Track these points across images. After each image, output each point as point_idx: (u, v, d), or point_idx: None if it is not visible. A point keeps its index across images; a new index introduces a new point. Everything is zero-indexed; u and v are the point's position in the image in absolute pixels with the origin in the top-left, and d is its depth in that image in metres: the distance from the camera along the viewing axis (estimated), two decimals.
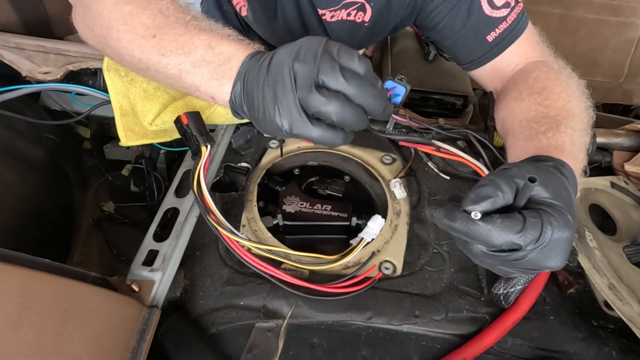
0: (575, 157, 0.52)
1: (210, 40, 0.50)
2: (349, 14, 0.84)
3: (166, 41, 0.51)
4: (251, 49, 0.50)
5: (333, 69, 0.42)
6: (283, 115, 0.44)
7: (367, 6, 0.82)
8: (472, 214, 0.40)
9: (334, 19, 0.85)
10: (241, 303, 0.54)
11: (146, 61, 0.53)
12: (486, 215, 0.41)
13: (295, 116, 0.43)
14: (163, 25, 0.51)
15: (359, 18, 0.85)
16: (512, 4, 0.71)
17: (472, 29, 0.73)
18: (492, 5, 0.71)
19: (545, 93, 0.63)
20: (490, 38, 0.72)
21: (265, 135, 0.72)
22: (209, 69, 0.49)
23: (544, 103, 0.61)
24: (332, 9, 0.83)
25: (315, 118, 0.44)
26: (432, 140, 0.74)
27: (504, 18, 0.71)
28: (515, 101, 0.66)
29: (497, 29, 0.71)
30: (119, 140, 0.67)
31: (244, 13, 0.95)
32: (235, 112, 0.51)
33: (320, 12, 0.84)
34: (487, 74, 0.77)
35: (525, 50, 0.73)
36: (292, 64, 0.43)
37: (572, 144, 0.54)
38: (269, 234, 0.60)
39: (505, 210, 0.42)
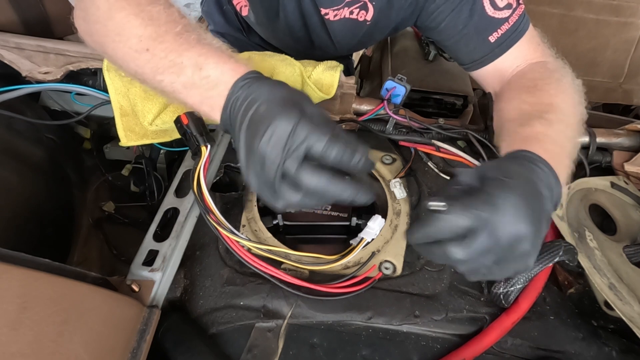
0: (548, 147, 0.52)
1: (197, 59, 0.50)
2: (351, 13, 0.84)
3: (157, 57, 0.51)
4: (239, 70, 0.49)
5: (295, 164, 0.41)
6: (249, 177, 0.45)
7: (370, 5, 0.82)
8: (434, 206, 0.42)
9: (336, 18, 0.85)
10: (241, 303, 0.54)
11: (142, 74, 0.53)
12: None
13: (259, 187, 0.45)
14: (154, 37, 0.51)
15: (361, 17, 0.85)
16: (514, 5, 0.71)
17: (474, 29, 0.73)
18: (495, 6, 0.71)
19: (534, 91, 0.64)
20: (492, 39, 0.72)
21: None
22: (199, 93, 0.50)
23: (528, 101, 0.62)
24: (335, 7, 0.83)
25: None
26: (432, 140, 0.74)
27: (506, 19, 0.71)
28: (506, 102, 0.66)
29: (499, 30, 0.71)
30: (119, 140, 0.67)
31: (244, 13, 0.95)
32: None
33: (323, 11, 0.84)
34: (488, 75, 0.77)
35: (527, 51, 0.73)
36: (261, 146, 0.42)
37: (553, 140, 0.54)
38: (269, 234, 0.60)
39: None
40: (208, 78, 0.49)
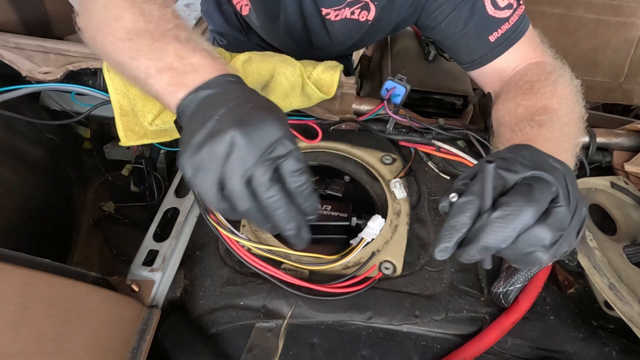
0: (540, 145, 0.51)
1: (183, 50, 0.49)
2: (352, 13, 0.84)
3: (140, 45, 0.50)
4: (223, 69, 0.48)
5: (267, 171, 0.39)
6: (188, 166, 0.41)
7: (371, 5, 0.82)
8: (450, 197, 0.41)
9: (337, 18, 0.85)
10: (241, 303, 0.54)
11: (121, 63, 0.52)
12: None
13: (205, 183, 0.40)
14: (142, 31, 0.51)
15: (362, 17, 0.85)
16: (515, 5, 0.71)
17: (474, 28, 0.73)
18: (495, 6, 0.71)
19: (530, 93, 0.64)
20: (492, 38, 0.72)
21: None
22: (170, 76, 0.48)
23: (522, 104, 0.62)
24: (337, 7, 0.83)
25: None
26: (432, 140, 0.74)
27: (507, 19, 0.71)
28: (502, 103, 0.67)
29: (499, 30, 0.72)
30: (119, 140, 0.67)
31: (245, 12, 0.95)
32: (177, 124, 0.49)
33: (325, 11, 0.84)
34: (487, 75, 0.77)
35: (526, 52, 0.73)
36: (237, 138, 0.39)
37: (546, 138, 0.54)
38: (269, 234, 0.60)
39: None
40: (189, 65, 0.48)
